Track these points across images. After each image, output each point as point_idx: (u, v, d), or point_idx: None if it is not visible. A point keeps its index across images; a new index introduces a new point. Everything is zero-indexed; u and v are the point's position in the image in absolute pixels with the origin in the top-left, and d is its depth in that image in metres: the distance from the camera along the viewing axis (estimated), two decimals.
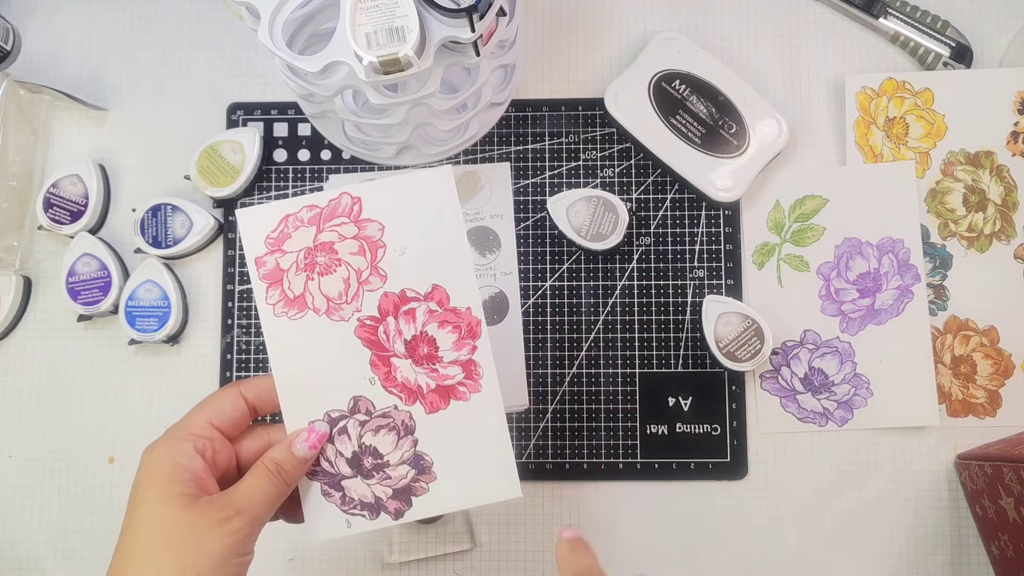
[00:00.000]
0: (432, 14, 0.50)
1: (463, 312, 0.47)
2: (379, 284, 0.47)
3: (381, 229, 0.47)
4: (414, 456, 0.47)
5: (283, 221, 0.47)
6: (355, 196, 0.47)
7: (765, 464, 0.63)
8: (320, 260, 0.47)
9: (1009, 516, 0.55)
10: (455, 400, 0.47)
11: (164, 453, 0.43)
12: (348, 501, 0.47)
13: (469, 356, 0.47)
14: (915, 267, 0.64)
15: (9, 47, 0.65)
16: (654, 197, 0.66)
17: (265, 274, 0.47)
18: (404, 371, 0.47)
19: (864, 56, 0.67)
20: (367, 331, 0.47)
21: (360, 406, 0.47)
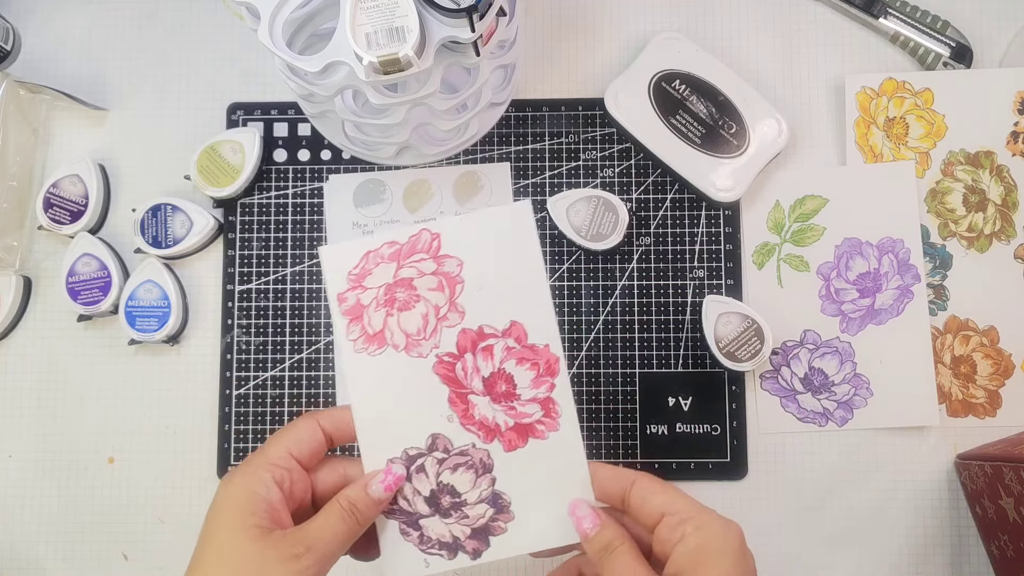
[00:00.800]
0: (432, 14, 0.50)
1: (541, 349, 0.46)
2: (457, 320, 0.46)
3: (460, 265, 0.46)
4: (492, 495, 0.46)
5: (364, 257, 0.47)
6: (434, 232, 0.47)
7: (765, 464, 0.63)
8: (400, 296, 0.47)
9: (1009, 516, 0.55)
10: (533, 438, 0.46)
11: (242, 482, 0.42)
12: (426, 540, 0.46)
13: (547, 394, 0.46)
14: (915, 267, 0.64)
15: (9, 47, 0.65)
16: (654, 197, 0.66)
17: (347, 310, 0.47)
18: (482, 408, 0.46)
19: (864, 56, 0.67)
20: (445, 368, 0.46)
21: (438, 444, 0.46)
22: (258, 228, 0.66)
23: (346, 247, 0.47)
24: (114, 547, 0.64)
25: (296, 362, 0.65)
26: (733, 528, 0.41)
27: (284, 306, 0.65)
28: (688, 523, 0.41)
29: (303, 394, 0.64)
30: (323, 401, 0.64)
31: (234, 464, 0.64)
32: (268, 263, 0.66)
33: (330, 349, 0.65)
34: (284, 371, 0.65)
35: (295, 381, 0.64)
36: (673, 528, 0.41)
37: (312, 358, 0.65)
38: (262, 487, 0.42)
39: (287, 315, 0.65)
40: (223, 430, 0.64)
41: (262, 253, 0.66)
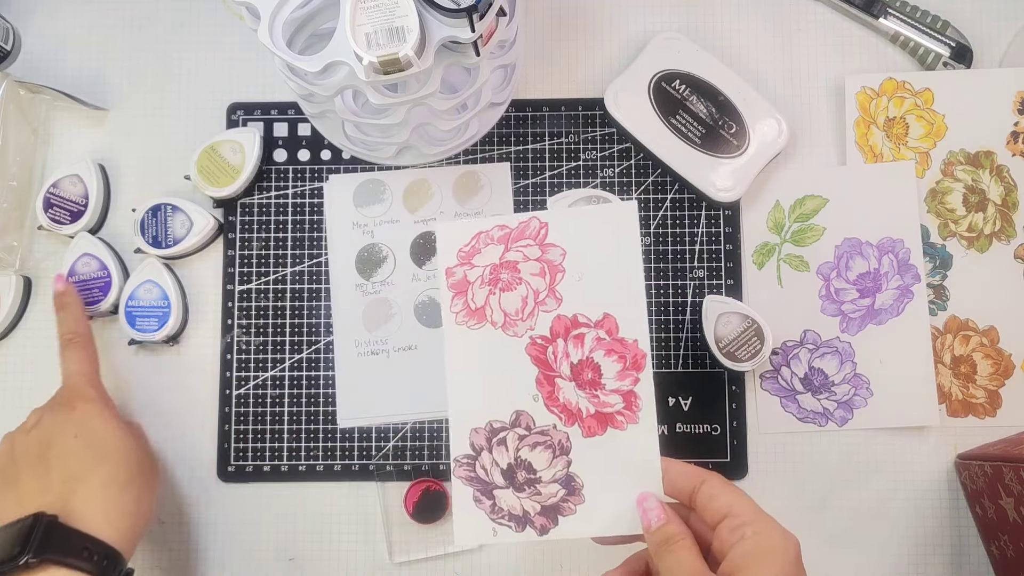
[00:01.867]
0: (432, 14, 0.50)
1: (630, 344, 0.48)
2: (554, 306, 0.49)
3: (563, 255, 0.49)
4: (566, 476, 0.48)
5: (476, 237, 0.50)
6: (543, 221, 0.49)
7: (765, 464, 0.63)
8: (504, 277, 0.49)
9: (1009, 516, 0.55)
10: (612, 428, 0.48)
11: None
12: (497, 510, 0.48)
13: (631, 387, 0.48)
14: (915, 267, 0.64)
15: (9, 47, 0.65)
16: (654, 197, 0.66)
17: (453, 284, 0.50)
18: (567, 393, 0.48)
19: (864, 56, 0.67)
20: (537, 349, 0.49)
21: (521, 420, 0.48)
22: (258, 228, 0.66)
23: (460, 225, 0.51)
24: None
25: (296, 362, 0.65)
26: (792, 539, 0.43)
27: (284, 306, 0.65)
28: (749, 526, 0.42)
29: (303, 394, 0.64)
30: (323, 401, 0.64)
31: (235, 464, 0.64)
32: (268, 263, 0.66)
33: (330, 349, 0.65)
34: (284, 371, 0.65)
35: (295, 381, 0.64)
36: (734, 528, 0.42)
37: (312, 358, 0.65)
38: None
39: (287, 315, 0.65)
40: (223, 430, 0.64)
41: (262, 253, 0.66)
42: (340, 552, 0.63)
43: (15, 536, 0.48)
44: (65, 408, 0.55)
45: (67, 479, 0.51)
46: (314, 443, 0.64)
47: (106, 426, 0.54)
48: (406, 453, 0.63)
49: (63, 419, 0.54)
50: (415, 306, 0.65)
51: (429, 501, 0.62)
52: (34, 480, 0.51)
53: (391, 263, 0.65)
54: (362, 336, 0.65)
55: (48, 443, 0.53)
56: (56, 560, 0.47)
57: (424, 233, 0.66)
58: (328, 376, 0.64)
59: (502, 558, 0.62)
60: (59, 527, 0.49)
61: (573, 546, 0.62)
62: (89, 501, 0.51)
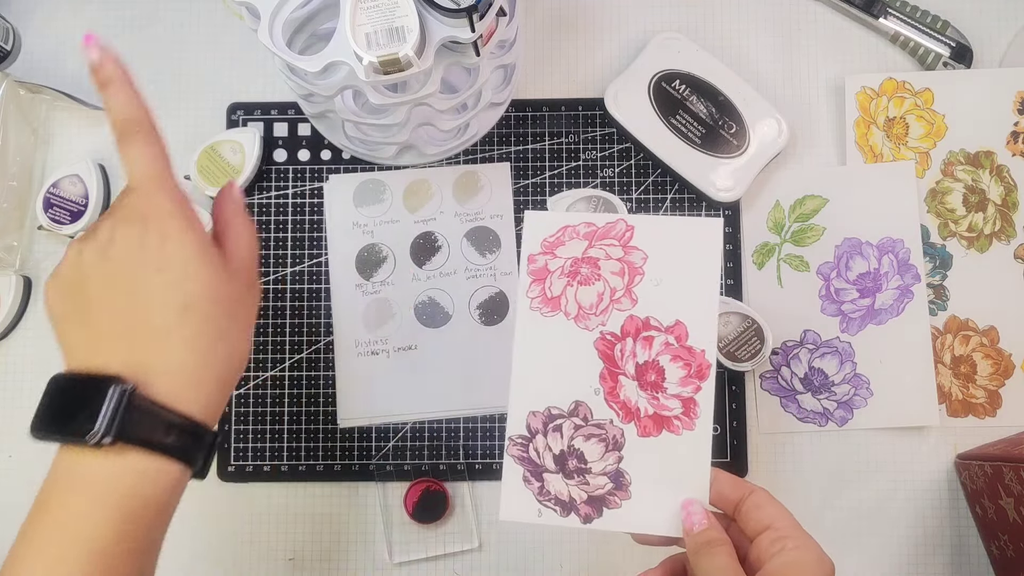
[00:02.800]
0: (432, 14, 0.50)
1: (697, 352, 0.49)
2: (629, 306, 0.50)
3: (644, 259, 0.50)
4: (616, 471, 0.49)
5: (562, 230, 0.51)
6: (630, 224, 0.51)
7: (765, 464, 0.63)
8: (583, 271, 0.50)
9: (1009, 516, 0.55)
10: (667, 431, 0.49)
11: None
12: (545, 493, 0.49)
13: (691, 395, 0.49)
14: (915, 267, 0.64)
15: (9, 47, 0.65)
16: (654, 197, 0.66)
17: (533, 270, 0.51)
18: (628, 391, 0.49)
19: (864, 56, 0.67)
20: (606, 345, 0.50)
21: (579, 411, 0.49)
22: (258, 228, 0.66)
23: (550, 215, 0.53)
24: None
25: (296, 362, 0.65)
26: (828, 562, 0.43)
27: (284, 306, 0.65)
28: (790, 540, 0.43)
29: (303, 394, 0.64)
30: (323, 401, 0.64)
31: (235, 464, 0.64)
32: (268, 263, 0.66)
33: (330, 349, 0.65)
34: (284, 371, 0.65)
35: (295, 381, 0.64)
36: (774, 541, 0.43)
37: (312, 358, 0.65)
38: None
39: (287, 315, 0.65)
40: (223, 430, 0.64)
41: (262, 253, 0.66)
42: (340, 552, 0.63)
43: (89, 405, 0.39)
44: (139, 225, 0.42)
45: (150, 331, 0.41)
46: (314, 443, 0.64)
47: (193, 255, 0.42)
48: (406, 453, 0.63)
49: (140, 243, 0.42)
50: (415, 306, 0.65)
51: (429, 501, 0.62)
52: (110, 321, 0.41)
53: (391, 263, 0.65)
54: (362, 336, 0.65)
55: (127, 275, 0.41)
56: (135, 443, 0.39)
57: (424, 233, 0.66)
58: (328, 376, 0.64)
59: (502, 558, 0.62)
60: (141, 401, 0.40)
61: (573, 547, 0.62)
62: (174, 363, 0.41)
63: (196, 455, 0.43)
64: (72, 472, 0.41)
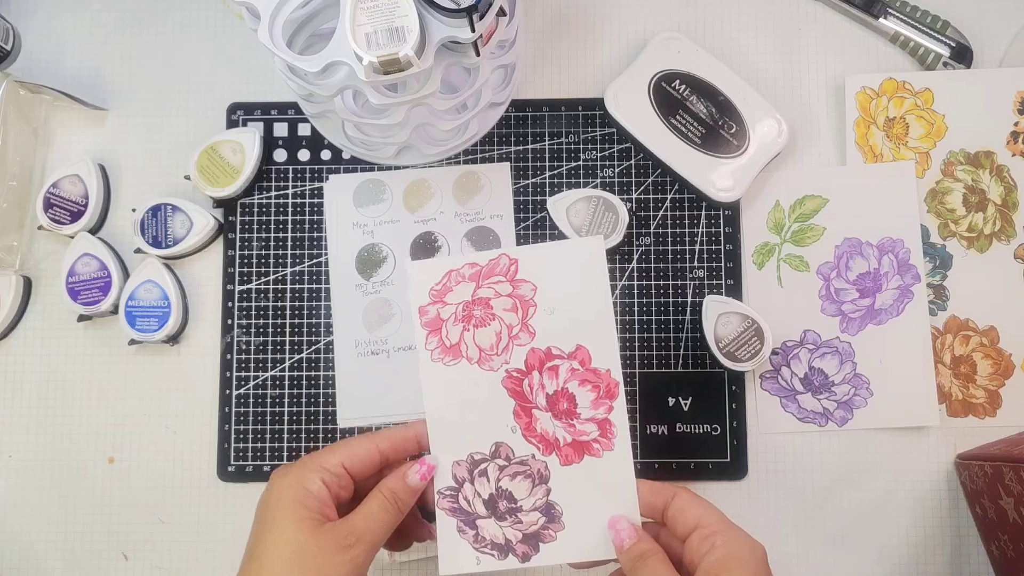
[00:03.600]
0: (432, 14, 0.50)
1: (603, 373, 0.49)
2: (528, 340, 0.50)
3: (534, 290, 0.50)
4: (546, 504, 0.49)
5: (447, 275, 0.51)
6: (512, 258, 0.51)
7: (765, 464, 0.63)
8: (477, 313, 0.51)
9: (1009, 516, 0.55)
10: (588, 455, 0.49)
11: (295, 480, 0.46)
12: (480, 540, 0.49)
13: (605, 415, 0.49)
14: (915, 267, 0.64)
15: (9, 47, 0.65)
16: (654, 197, 0.66)
17: (427, 322, 0.51)
18: (544, 423, 0.49)
19: (864, 56, 0.67)
20: (513, 382, 0.50)
21: (501, 452, 0.50)
22: (258, 228, 0.66)
23: (431, 264, 0.53)
24: (114, 547, 0.64)
25: (296, 362, 0.65)
26: (759, 547, 0.45)
27: (284, 306, 0.65)
28: (718, 536, 0.44)
29: (303, 394, 0.64)
30: (323, 401, 0.64)
31: (235, 464, 0.64)
32: (268, 263, 0.66)
33: (330, 349, 0.65)
34: (284, 371, 0.65)
35: (295, 381, 0.64)
36: (703, 540, 0.44)
37: (312, 358, 0.65)
38: (313, 485, 0.46)
39: (287, 315, 0.65)
40: (223, 430, 0.64)
41: (262, 253, 0.66)
42: None
43: None
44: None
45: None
46: (314, 443, 0.64)
47: (275, 510, 0.47)
48: None
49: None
50: None
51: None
52: None
53: (391, 263, 0.65)
54: (362, 336, 0.65)
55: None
56: None
57: (424, 233, 0.66)
58: (328, 376, 0.64)
59: None
60: None
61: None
62: None
63: None
64: None
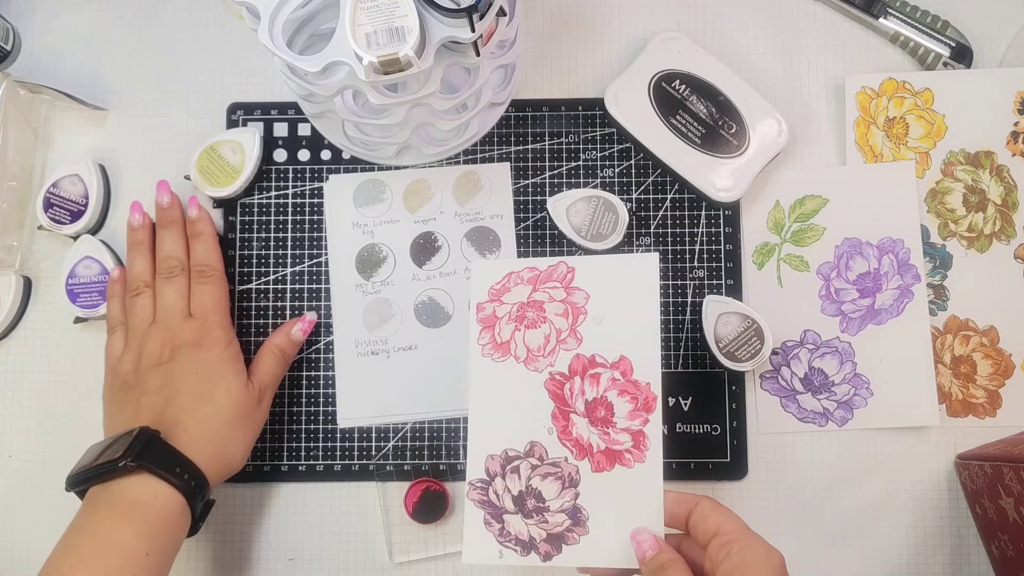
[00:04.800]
0: (432, 14, 0.50)
1: (643, 386, 0.50)
2: (574, 345, 0.51)
3: (586, 298, 0.52)
4: (573, 508, 0.50)
5: (507, 276, 0.53)
6: (571, 266, 0.52)
7: (765, 464, 0.63)
8: (529, 315, 0.52)
9: (1009, 516, 0.55)
10: (620, 465, 0.50)
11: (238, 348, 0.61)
12: (505, 534, 0.50)
13: (640, 427, 0.50)
14: (915, 267, 0.64)
15: (9, 47, 0.65)
16: (654, 197, 0.66)
17: (482, 318, 0.53)
18: (580, 428, 0.50)
19: (864, 56, 0.67)
20: (555, 385, 0.51)
21: (535, 451, 0.50)
22: (258, 228, 0.66)
23: (494, 264, 0.56)
24: None
25: (296, 362, 0.65)
26: (776, 554, 0.46)
27: (284, 306, 0.65)
28: (735, 543, 0.45)
29: (303, 394, 0.64)
30: (323, 401, 0.64)
31: None
32: (268, 263, 0.66)
33: (330, 349, 0.65)
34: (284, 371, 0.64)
35: (295, 381, 0.64)
36: (721, 546, 0.45)
37: (312, 358, 0.65)
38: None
39: (287, 315, 0.65)
40: None
41: (262, 253, 0.66)
42: (340, 552, 0.63)
43: (122, 443, 0.53)
44: (194, 348, 0.58)
45: (177, 409, 0.56)
46: (314, 443, 0.64)
47: (222, 371, 0.58)
48: (406, 453, 0.63)
49: (191, 358, 0.58)
50: (415, 306, 0.65)
51: (429, 501, 0.62)
52: (150, 403, 0.56)
53: (391, 263, 0.65)
54: (362, 336, 0.65)
55: (173, 377, 0.57)
56: (151, 469, 0.52)
57: (424, 233, 0.66)
58: (328, 376, 0.64)
59: None
60: (159, 442, 0.54)
61: None
62: (188, 431, 0.55)
63: (196, 501, 0.54)
64: (102, 497, 0.53)
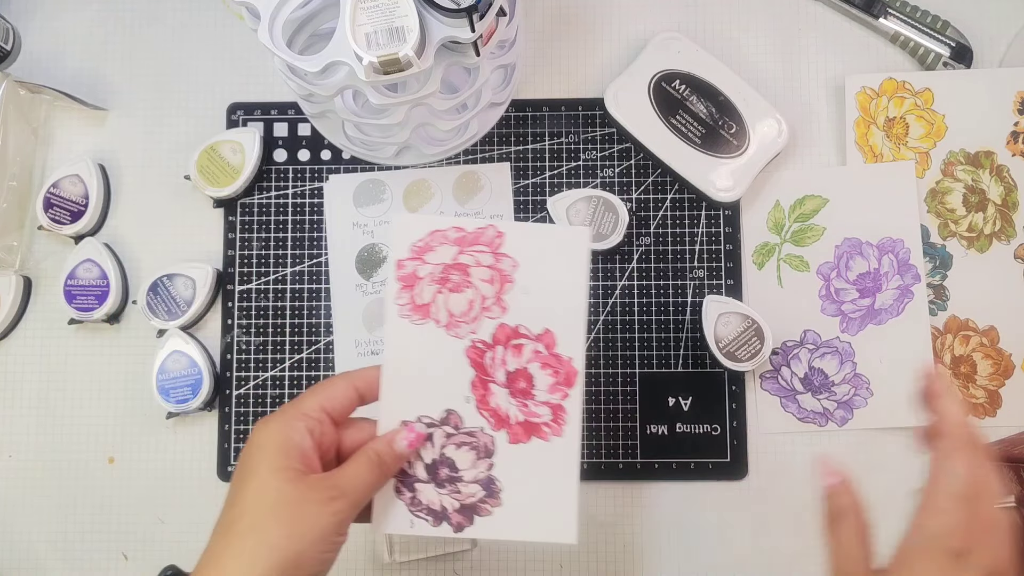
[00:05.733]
0: (432, 14, 0.50)
1: (565, 360, 0.49)
2: (499, 314, 0.50)
3: (515, 266, 0.50)
4: (487, 479, 0.49)
5: (431, 234, 0.50)
6: (501, 231, 0.50)
7: (765, 464, 0.63)
8: (453, 278, 0.50)
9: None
10: (537, 438, 0.49)
11: (277, 428, 0.45)
12: (416, 503, 0.49)
13: (560, 401, 0.49)
14: (915, 267, 0.64)
15: (9, 47, 0.65)
16: (654, 197, 0.66)
17: (402, 276, 0.50)
18: (499, 399, 0.49)
19: (864, 56, 0.67)
20: (476, 353, 0.50)
21: (451, 419, 0.49)
22: (258, 228, 0.66)
23: (418, 219, 0.52)
24: (114, 547, 0.64)
25: (296, 362, 0.65)
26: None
27: (284, 306, 0.65)
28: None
29: None
30: None
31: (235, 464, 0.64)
32: (268, 263, 0.66)
33: (330, 349, 0.65)
34: (284, 371, 0.64)
35: (295, 381, 0.64)
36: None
37: (312, 358, 0.65)
38: (296, 434, 0.44)
39: (287, 315, 0.65)
40: (223, 430, 0.64)
41: (262, 253, 0.66)
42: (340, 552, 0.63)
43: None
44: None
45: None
46: None
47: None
48: None
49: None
50: None
51: None
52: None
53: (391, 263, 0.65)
54: (362, 336, 0.65)
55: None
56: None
57: None
58: (328, 376, 0.64)
59: (502, 558, 0.62)
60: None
61: (573, 548, 0.62)
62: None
63: None
64: None
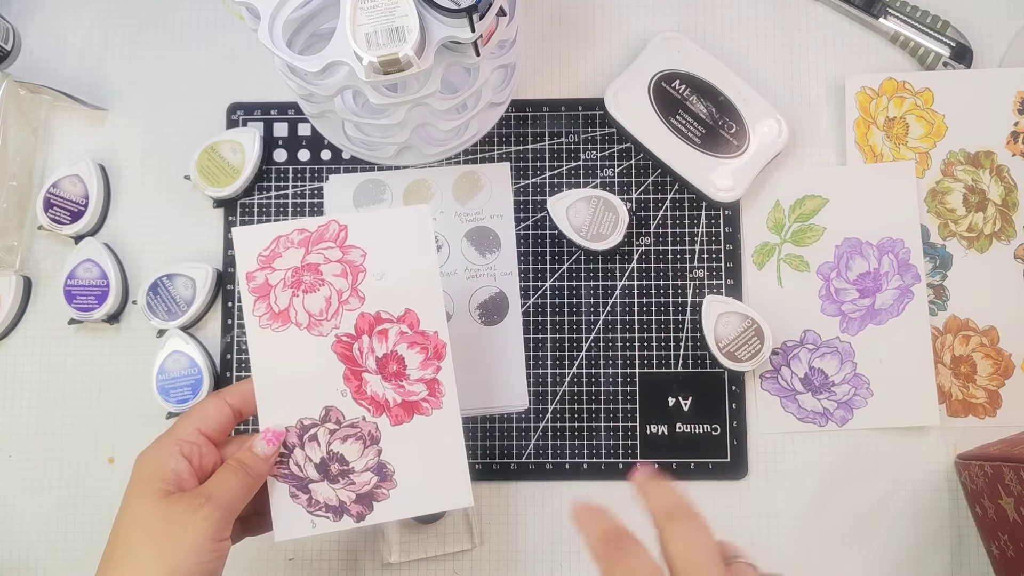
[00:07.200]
0: (432, 14, 0.50)
1: (431, 335, 0.51)
2: (357, 305, 0.51)
3: (363, 255, 0.51)
4: (378, 464, 0.50)
5: (275, 241, 0.51)
6: (342, 224, 0.51)
7: (765, 464, 0.63)
8: (306, 279, 0.51)
9: (1009, 516, 0.55)
10: (418, 415, 0.51)
11: (150, 456, 0.47)
12: (314, 503, 0.50)
13: (433, 375, 0.51)
14: (915, 267, 0.64)
15: (9, 47, 0.65)
16: (654, 197, 0.66)
17: (254, 288, 0.51)
18: (374, 386, 0.50)
19: (864, 56, 0.67)
20: (343, 347, 0.50)
21: (331, 416, 0.50)
22: None
23: (258, 229, 0.51)
24: None
25: None
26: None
27: None
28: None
29: None
30: None
31: None
32: None
33: None
34: None
35: None
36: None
37: None
38: (171, 460, 0.46)
39: None
40: None
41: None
42: (340, 552, 0.63)
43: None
44: None
45: None
46: None
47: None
48: None
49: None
50: None
51: None
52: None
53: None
54: None
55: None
56: None
57: None
58: None
59: (502, 558, 0.62)
60: None
61: (574, 547, 0.62)
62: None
63: None
64: None
